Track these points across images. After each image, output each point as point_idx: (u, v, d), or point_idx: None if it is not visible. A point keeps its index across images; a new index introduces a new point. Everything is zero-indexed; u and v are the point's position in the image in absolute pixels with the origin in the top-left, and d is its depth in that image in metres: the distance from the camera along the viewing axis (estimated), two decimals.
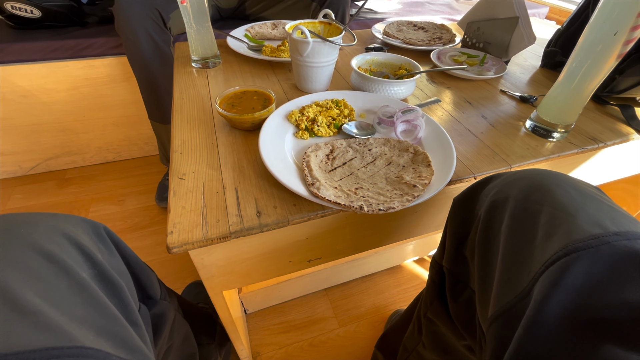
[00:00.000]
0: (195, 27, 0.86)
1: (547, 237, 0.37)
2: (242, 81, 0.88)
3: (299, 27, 0.69)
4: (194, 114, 0.74)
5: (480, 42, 1.06)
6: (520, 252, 0.38)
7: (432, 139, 0.65)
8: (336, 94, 0.76)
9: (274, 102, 0.69)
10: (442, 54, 1.02)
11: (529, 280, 0.36)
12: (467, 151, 0.67)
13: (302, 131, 0.65)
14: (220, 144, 0.65)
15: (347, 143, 0.64)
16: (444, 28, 1.22)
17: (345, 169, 0.58)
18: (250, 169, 0.60)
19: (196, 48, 0.89)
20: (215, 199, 0.54)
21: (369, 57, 0.87)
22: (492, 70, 0.93)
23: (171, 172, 0.59)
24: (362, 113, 0.73)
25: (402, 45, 1.08)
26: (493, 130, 0.74)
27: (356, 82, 0.81)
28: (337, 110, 0.70)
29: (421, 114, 0.67)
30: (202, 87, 0.85)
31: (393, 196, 0.51)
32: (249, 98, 0.71)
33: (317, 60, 0.75)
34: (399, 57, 0.86)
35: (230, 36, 1.03)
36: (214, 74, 0.91)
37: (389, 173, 0.58)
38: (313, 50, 0.73)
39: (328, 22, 0.82)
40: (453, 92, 0.88)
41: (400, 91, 0.77)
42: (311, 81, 0.81)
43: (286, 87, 0.86)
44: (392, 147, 0.63)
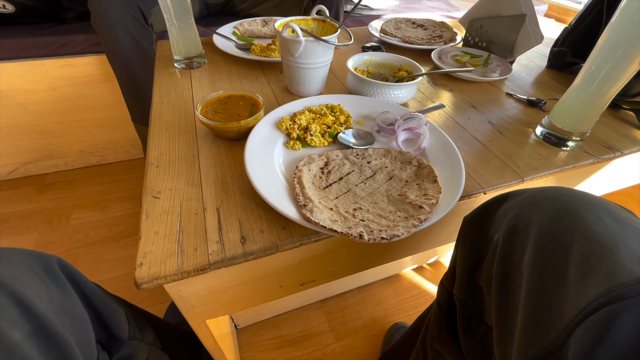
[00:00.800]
0: (177, 25, 0.78)
1: (582, 275, 0.31)
2: (229, 83, 0.81)
3: (289, 25, 0.63)
4: (174, 120, 0.67)
5: (483, 41, 1.00)
6: (549, 292, 0.33)
7: (437, 149, 0.59)
8: (331, 99, 0.69)
9: (262, 108, 0.62)
10: (444, 53, 0.96)
11: (563, 328, 0.30)
12: (474, 162, 0.61)
13: (293, 141, 0.59)
14: (202, 156, 0.59)
15: (344, 154, 0.58)
16: (444, 26, 1.15)
17: (341, 186, 0.52)
18: (235, 184, 0.53)
19: (178, 47, 0.82)
20: (194, 222, 0.47)
21: (366, 58, 0.80)
22: (497, 72, 0.87)
23: (145, 190, 0.52)
24: (359, 120, 0.67)
25: (401, 44, 1.02)
26: (501, 138, 0.68)
27: (353, 84, 0.74)
28: (332, 117, 0.63)
29: (425, 121, 0.61)
30: (185, 90, 0.78)
31: (397, 219, 0.45)
32: (235, 103, 0.64)
33: (310, 61, 0.69)
34: (398, 58, 0.80)
35: (216, 34, 0.95)
36: (199, 75, 0.84)
37: (390, 190, 0.51)
38: (305, 50, 0.66)
39: (322, 20, 0.75)
40: (456, 95, 0.82)
41: (400, 95, 0.71)
42: (304, 84, 0.74)
43: (277, 90, 0.79)
44: (393, 158, 0.57)
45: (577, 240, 0.33)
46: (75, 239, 1.35)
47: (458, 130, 0.69)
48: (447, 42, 1.05)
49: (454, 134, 0.68)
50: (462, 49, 0.98)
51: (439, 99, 0.80)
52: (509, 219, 0.40)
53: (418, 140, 0.61)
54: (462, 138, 0.67)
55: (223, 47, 0.90)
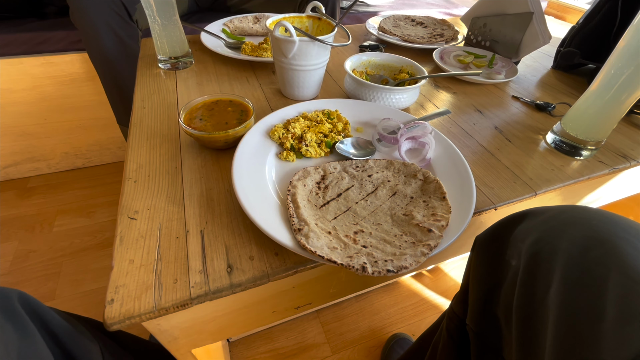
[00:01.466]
0: (160, 22, 0.72)
1: (623, 321, 0.27)
2: (217, 86, 0.75)
3: (282, 23, 0.57)
4: (157, 127, 0.61)
5: (486, 40, 0.95)
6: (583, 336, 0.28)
7: (444, 160, 0.54)
8: (328, 104, 0.64)
9: (252, 114, 0.56)
10: (446, 53, 0.91)
11: None
12: (483, 174, 0.57)
13: (287, 152, 0.54)
14: (186, 168, 0.53)
15: (342, 166, 0.53)
16: (444, 24, 1.10)
17: (340, 203, 0.47)
18: (222, 202, 0.48)
19: (162, 46, 0.76)
20: (175, 248, 0.42)
21: (365, 58, 0.75)
22: (503, 73, 0.82)
23: (120, 209, 0.46)
24: (358, 127, 0.62)
25: (400, 43, 0.96)
26: (510, 146, 0.64)
27: (351, 88, 0.69)
28: (329, 125, 0.58)
29: (430, 129, 0.56)
30: (169, 93, 0.72)
31: (403, 245, 0.40)
32: (222, 110, 0.58)
33: (304, 62, 0.63)
34: (399, 59, 0.75)
35: (204, 32, 0.89)
36: (185, 77, 0.78)
37: (394, 207, 0.47)
38: (300, 51, 0.61)
39: (317, 17, 0.70)
40: (460, 98, 0.77)
41: (402, 99, 0.66)
42: (298, 87, 0.68)
43: (269, 93, 0.74)
44: (396, 171, 0.52)
45: (614, 275, 0.29)
46: (58, 247, 1.28)
47: (464, 138, 0.65)
48: (448, 41, 1.00)
49: (459, 141, 0.64)
50: (464, 49, 0.93)
51: (441, 103, 0.75)
52: (530, 245, 0.36)
53: (423, 151, 0.56)
54: (468, 146, 0.63)
55: (211, 46, 0.84)
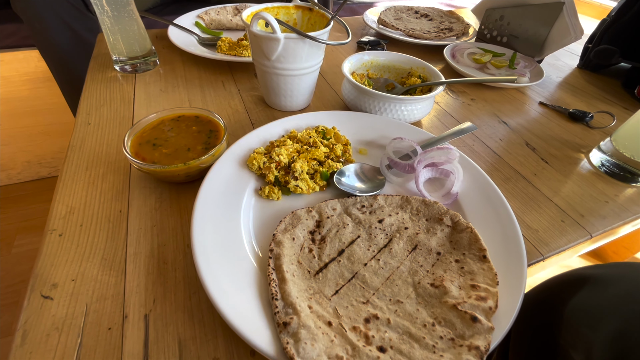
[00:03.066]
0: (112, 14, 0.58)
1: None
2: (186, 93, 0.61)
3: (261, 16, 0.43)
4: (102, 152, 0.47)
5: (503, 36, 0.82)
6: None
7: (475, 194, 0.42)
8: (322, 117, 0.51)
9: (224, 136, 0.43)
10: (458, 51, 0.78)
11: None
12: (522, 209, 0.44)
13: (269, 187, 0.40)
14: (134, 213, 0.40)
15: (343, 206, 0.40)
16: (452, 16, 0.97)
17: (343, 266, 0.34)
18: (179, 265, 0.35)
19: (116, 44, 0.61)
20: (104, 346, 0.29)
21: (366, 58, 0.61)
22: (527, 75, 0.70)
23: (32, 282, 0.33)
24: (361, 148, 0.49)
25: (405, 39, 0.83)
26: (547, 169, 0.51)
27: (350, 96, 0.56)
28: (325, 149, 0.45)
29: (456, 154, 0.44)
30: (124, 104, 0.57)
31: (438, 343, 0.27)
32: (185, 130, 0.45)
33: (292, 66, 0.50)
34: (408, 59, 0.62)
35: (173, 25, 0.74)
36: (146, 81, 0.64)
37: (417, 271, 0.34)
38: (286, 51, 0.47)
39: (308, 8, 0.56)
40: (479, 106, 0.65)
41: (414, 111, 0.53)
42: (285, 96, 0.55)
43: (250, 102, 0.60)
44: (414, 212, 0.40)
45: None
46: (17, 272, 1.13)
47: (491, 158, 0.52)
48: (459, 36, 0.87)
49: (486, 164, 0.51)
50: (478, 45, 0.80)
51: (458, 112, 0.63)
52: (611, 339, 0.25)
53: (447, 182, 0.43)
54: (498, 170, 0.50)
55: (181, 44, 0.69)
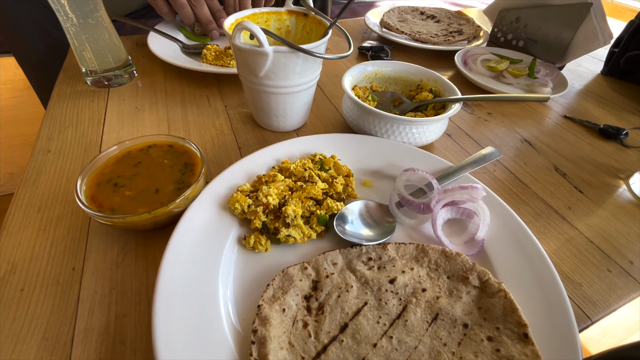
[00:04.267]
0: (77, 22, 0.50)
1: None
2: (165, 111, 0.54)
3: (244, 26, 0.36)
4: (59, 187, 0.40)
5: (519, 39, 0.75)
6: None
7: (504, 241, 0.34)
8: (320, 142, 0.43)
9: (201, 171, 0.35)
10: (470, 57, 0.71)
11: None
12: (560, 256, 0.37)
13: (255, 236, 0.33)
14: (90, 270, 0.32)
15: (346, 260, 0.33)
16: (461, 17, 0.90)
17: (346, 349, 0.27)
18: (140, 347, 0.28)
19: (85, 55, 0.54)
20: None
21: (370, 69, 0.54)
22: (549, 85, 0.63)
23: None
24: (366, 180, 0.42)
25: (411, 44, 0.76)
26: (584, 200, 0.44)
27: (352, 115, 0.48)
28: (324, 184, 0.38)
29: (482, 192, 0.36)
30: (92, 126, 0.50)
31: None
32: (155, 163, 0.37)
33: (283, 83, 0.42)
34: (417, 70, 0.54)
35: (154, 31, 0.67)
36: (121, 97, 0.56)
37: (440, 353, 0.27)
38: (276, 66, 0.40)
39: (303, 13, 0.49)
40: (498, 122, 0.58)
41: (426, 134, 0.46)
42: (276, 115, 0.48)
43: (238, 121, 0.53)
44: (432, 266, 0.32)
45: None
46: None
47: (517, 188, 0.45)
48: (470, 40, 0.79)
49: (511, 195, 0.44)
50: (493, 50, 0.73)
51: (475, 130, 0.55)
52: None
53: (469, 225, 0.36)
54: (526, 203, 0.43)
55: (162, 53, 0.61)
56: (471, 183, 0.39)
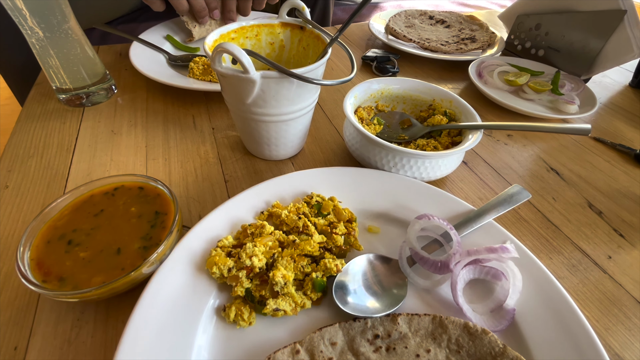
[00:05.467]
0: (43, 35, 0.44)
1: None
2: (144, 135, 0.48)
3: (225, 48, 0.29)
4: (11, 236, 0.34)
5: (539, 48, 0.68)
6: None
7: (539, 311, 0.28)
8: (317, 178, 0.37)
9: (174, 221, 0.29)
10: (485, 68, 0.64)
11: None
12: (604, 323, 0.31)
13: (237, 306, 0.27)
14: (35, 349, 0.27)
15: (347, 338, 0.27)
16: (474, 21, 0.83)
17: None
18: None
19: (54, 72, 0.48)
20: None
21: (375, 88, 0.48)
22: (577, 102, 0.56)
23: None
24: (371, 225, 0.36)
25: (420, 53, 0.69)
26: (625, 247, 0.38)
27: (355, 143, 0.42)
28: (320, 237, 0.31)
29: (512, 251, 0.30)
30: (61, 155, 0.44)
31: None
32: (120, 213, 0.31)
33: (274, 110, 0.36)
34: (428, 88, 0.48)
35: (137, 41, 0.61)
36: (96, 119, 0.50)
37: None
38: (266, 93, 0.34)
39: (299, 26, 0.42)
40: (520, 146, 0.51)
41: (440, 167, 0.39)
42: (267, 144, 0.42)
43: (225, 147, 0.47)
44: (453, 349, 0.26)
45: None
46: None
47: (546, 231, 0.39)
48: (484, 49, 0.72)
49: (541, 241, 0.38)
50: (510, 61, 0.66)
51: (494, 156, 0.49)
52: None
53: (496, 289, 0.30)
54: (559, 252, 0.37)
55: (144, 66, 0.55)
56: (496, 230, 0.33)
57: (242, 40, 0.42)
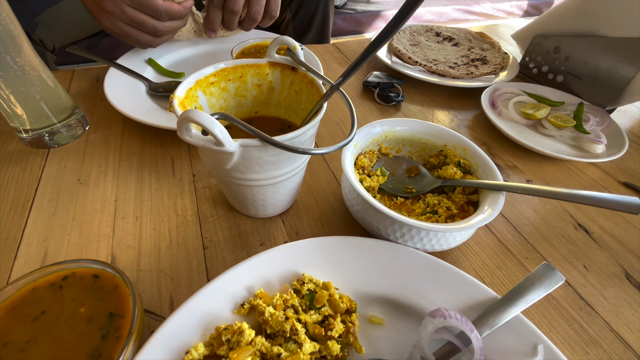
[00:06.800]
0: None
1: None
2: (115, 184, 0.42)
3: (191, 118, 0.23)
4: None
5: (557, 73, 0.62)
6: None
7: None
8: (310, 253, 0.31)
9: (130, 327, 0.24)
10: (500, 96, 0.58)
11: None
12: None
13: None
14: None
15: None
16: (484, 39, 0.77)
17: None
18: None
19: (10, 107, 0.42)
20: None
21: (378, 131, 0.42)
22: (603, 141, 0.50)
23: None
24: (373, 315, 0.30)
25: (427, 79, 0.63)
26: None
27: (354, 205, 0.36)
28: (312, 345, 0.26)
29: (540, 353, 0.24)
30: (14, 215, 0.38)
31: None
32: (66, 315, 0.26)
33: (258, 176, 0.30)
34: (440, 131, 0.42)
35: (115, 67, 0.55)
36: (61, 164, 0.44)
37: None
38: (247, 160, 0.28)
39: (290, 66, 0.36)
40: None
41: (456, 238, 0.34)
42: (253, 205, 0.36)
43: (207, 202, 0.41)
44: None
45: None
46: None
47: (581, 314, 0.33)
48: (496, 72, 0.66)
49: (575, 330, 0.32)
50: (526, 89, 0.60)
51: (512, 208, 0.43)
52: None
53: None
54: (597, 343, 0.31)
55: (120, 99, 0.49)
56: (525, 328, 0.27)
57: (224, 83, 0.36)
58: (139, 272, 0.34)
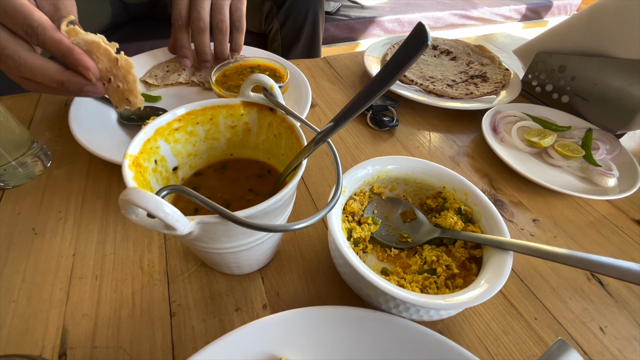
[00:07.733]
0: None
1: None
2: (75, 235, 0.37)
3: (132, 199, 0.19)
4: None
5: (562, 93, 0.58)
6: None
7: None
8: (291, 328, 0.27)
9: None
10: (502, 121, 0.54)
11: None
12: None
13: None
14: None
15: None
16: (484, 54, 0.72)
17: None
18: None
19: None
20: None
21: (369, 171, 0.37)
22: (615, 174, 0.46)
23: None
24: None
25: (424, 101, 0.58)
26: None
27: (341, 264, 0.32)
28: None
29: None
30: None
31: None
32: None
33: (226, 245, 0.26)
34: (438, 172, 0.38)
35: None
36: (15, 208, 0.40)
37: None
38: (211, 233, 0.24)
39: (267, 107, 0.32)
40: (549, 237, 0.41)
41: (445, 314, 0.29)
42: (227, 266, 0.31)
43: (178, 257, 0.36)
44: None
45: None
46: None
47: None
48: (497, 91, 0.62)
49: None
50: (529, 112, 0.56)
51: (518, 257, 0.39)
52: None
53: None
54: None
55: (84, 132, 0.44)
56: None
57: (192, 127, 0.31)
58: (93, 349, 0.29)
